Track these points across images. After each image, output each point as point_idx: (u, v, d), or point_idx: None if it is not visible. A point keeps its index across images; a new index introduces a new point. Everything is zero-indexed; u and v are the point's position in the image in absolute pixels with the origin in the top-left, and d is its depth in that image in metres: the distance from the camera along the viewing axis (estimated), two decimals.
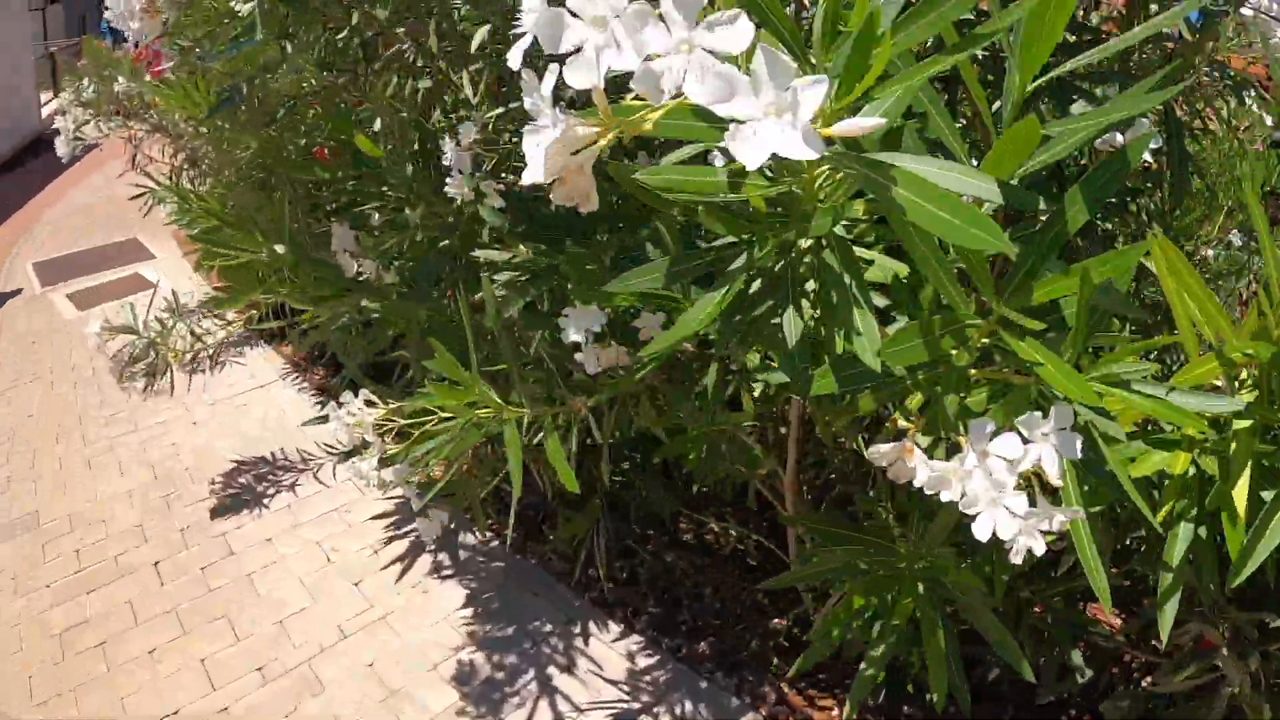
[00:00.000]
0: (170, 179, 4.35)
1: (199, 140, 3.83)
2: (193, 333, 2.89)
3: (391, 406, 1.47)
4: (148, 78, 4.08)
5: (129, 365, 2.81)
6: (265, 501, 3.25)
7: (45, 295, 6.00)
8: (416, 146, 1.86)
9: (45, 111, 10.17)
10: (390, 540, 3.02)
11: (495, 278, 1.64)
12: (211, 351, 2.99)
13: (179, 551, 3.05)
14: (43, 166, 8.94)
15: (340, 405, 1.48)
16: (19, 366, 4.87)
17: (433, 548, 2.95)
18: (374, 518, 3.11)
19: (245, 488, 3.35)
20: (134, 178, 4.78)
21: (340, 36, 1.87)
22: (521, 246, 1.62)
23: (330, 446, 3.38)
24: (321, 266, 1.98)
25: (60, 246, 6.91)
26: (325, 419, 2.89)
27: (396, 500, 3.20)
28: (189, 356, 2.93)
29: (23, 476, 3.69)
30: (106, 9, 3.53)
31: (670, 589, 2.88)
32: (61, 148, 3.91)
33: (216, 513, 3.22)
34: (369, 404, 1.48)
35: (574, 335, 1.48)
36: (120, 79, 3.82)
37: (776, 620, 2.79)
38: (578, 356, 1.52)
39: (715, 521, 3.11)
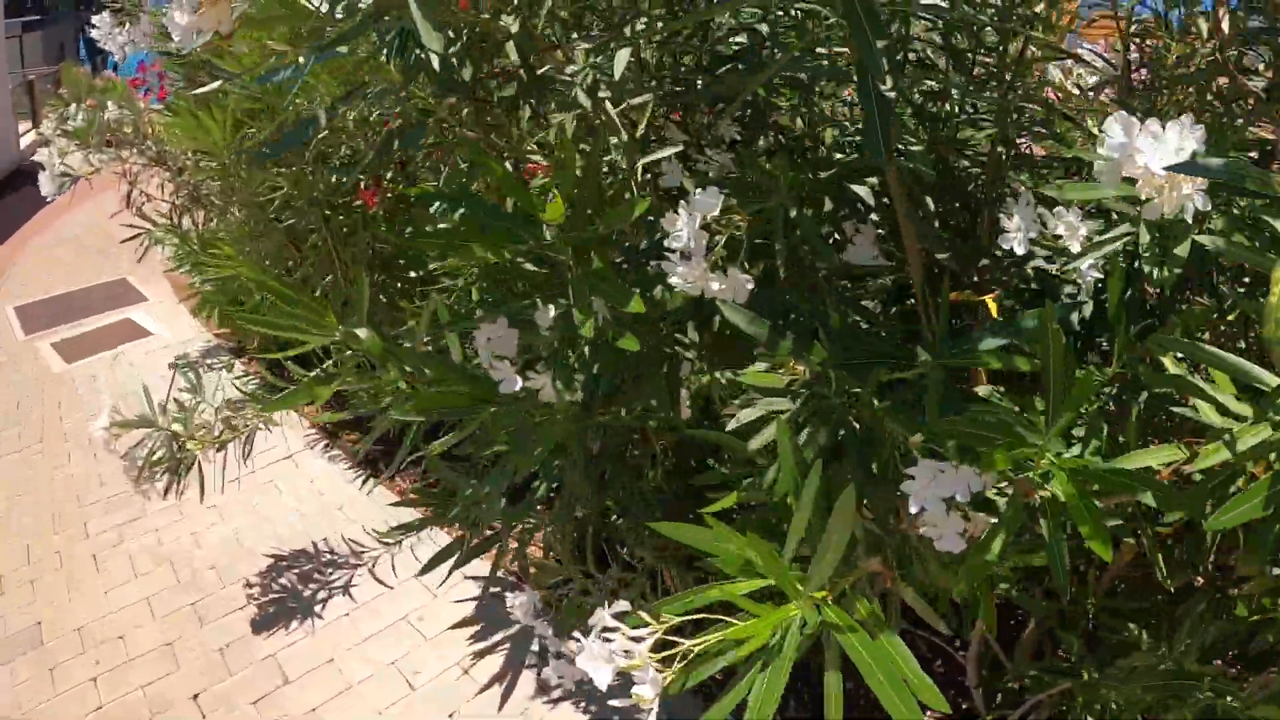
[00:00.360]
0: (170, 219, 3.70)
1: (204, 176, 3.18)
2: (226, 421, 2.26)
3: (666, 622, 0.88)
4: (141, 104, 3.42)
5: (147, 465, 2.17)
6: (317, 609, 2.62)
7: (29, 344, 5.28)
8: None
9: (24, 142, 9.35)
10: (480, 655, 2.41)
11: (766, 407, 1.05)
12: (245, 438, 2.36)
13: (221, 679, 2.42)
14: (22, 201, 8.14)
15: (604, 636, 0.88)
16: (4, 433, 4.18)
17: (534, 663, 2.35)
18: (454, 626, 2.50)
19: (289, 591, 2.72)
20: (123, 214, 4.12)
21: (461, 52, 1.25)
22: (799, 366, 1.04)
23: (384, 537, 2.77)
24: (438, 365, 1.37)
25: (43, 288, 6.17)
26: (405, 531, 2.28)
27: (476, 601, 2.59)
28: (217, 447, 2.29)
29: (17, 578, 3.03)
30: (94, 27, 2.91)
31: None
32: (46, 185, 3.24)
33: (259, 625, 2.58)
34: (623, 617, 0.89)
35: (922, 503, 0.91)
36: (110, 104, 3.16)
37: None
38: (926, 530, 0.95)
39: None
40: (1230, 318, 1.46)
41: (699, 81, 1.48)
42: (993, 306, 1.47)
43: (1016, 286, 1.70)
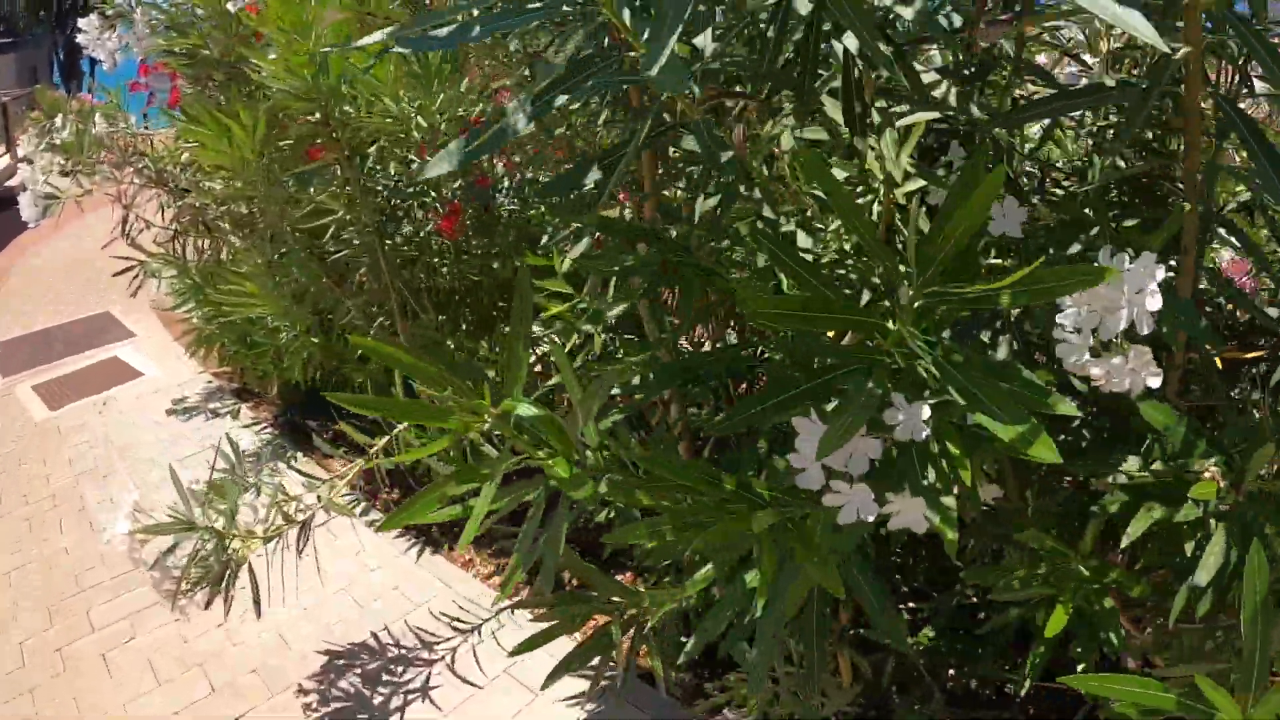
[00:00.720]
0: (171, 248, 3.14)
1: (211, 199, 2.64)
2: (283, 512, 1.73)
3: None
4: (141, 112, 2.86)
5: (186, 577, 1.64)
6: None
7: (8, 387, 4.65)
8: None
9: None
10: None
11: None
12: (300, 528, 1.83)
13: None
14: None
15: None
16: None
17: None
18: None
19: (354, 698, 2.18)
20: (102, 240, 3.55)
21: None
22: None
23: (457, 620, 2.26)
24: (674, 467, 0.87)
25: (19, 324, 5.52)
26: (531, 646, 1.72)
27: (590, 708, 2.08)
28: (268, 542, 1.77)
29: (12, 684, 2.45)
30: (81, 31, 2.40)
31: None
32: (27, 208, 2.68)
33: None
34: None
35: None
36: (98, 118, 2.61)
37: None
38: None
39: None
40: None
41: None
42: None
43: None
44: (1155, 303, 0.85)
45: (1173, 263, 1.23)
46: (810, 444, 0.93)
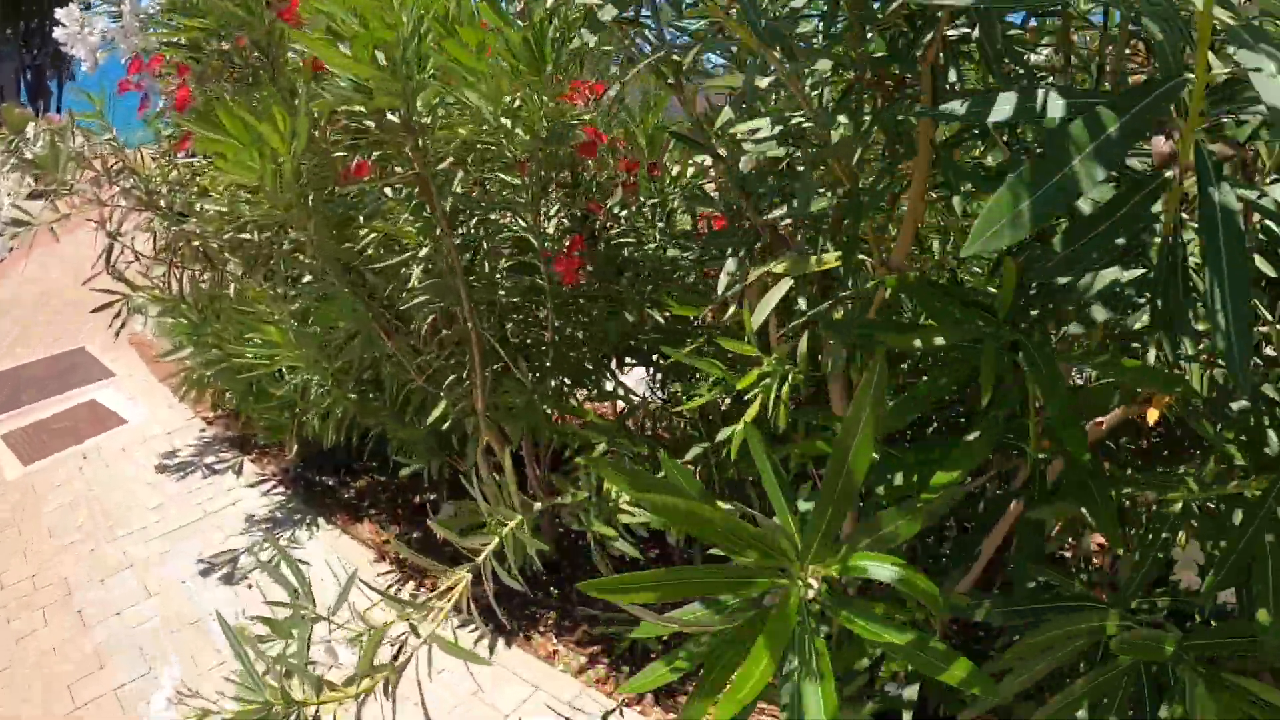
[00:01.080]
0: (168, 282, 2.61)
1: (216, 225, 2.13)
2: (373, 667, 1.23)
3: None
4: (114, 132, 2.32)
5: None
6: None
7: None
8: None
9: None
10: None
11: None
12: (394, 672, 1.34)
13: None
14: None
15: None
16: None
17: None
18: None
19: None
20: (75, 266, 3.01)
21: None
22: None
23: None
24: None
25: None
26: None
27: None
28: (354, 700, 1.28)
29: None
30: (54, 31, 1.95)
31: None
32: None
33: None
34: None
35: None
36: (78, 135, 2.09)
37: None
38: None
39: None
40: None
41: None
42: None
43: None
44: None
45: None
46: None
